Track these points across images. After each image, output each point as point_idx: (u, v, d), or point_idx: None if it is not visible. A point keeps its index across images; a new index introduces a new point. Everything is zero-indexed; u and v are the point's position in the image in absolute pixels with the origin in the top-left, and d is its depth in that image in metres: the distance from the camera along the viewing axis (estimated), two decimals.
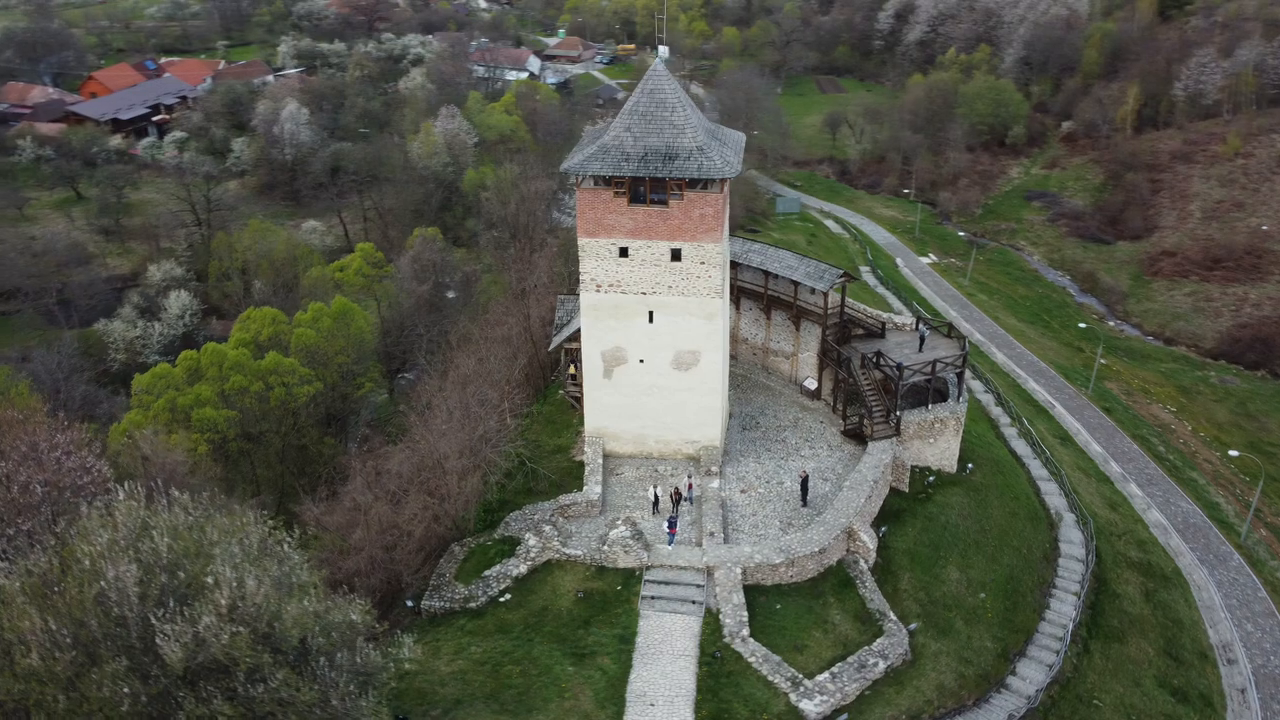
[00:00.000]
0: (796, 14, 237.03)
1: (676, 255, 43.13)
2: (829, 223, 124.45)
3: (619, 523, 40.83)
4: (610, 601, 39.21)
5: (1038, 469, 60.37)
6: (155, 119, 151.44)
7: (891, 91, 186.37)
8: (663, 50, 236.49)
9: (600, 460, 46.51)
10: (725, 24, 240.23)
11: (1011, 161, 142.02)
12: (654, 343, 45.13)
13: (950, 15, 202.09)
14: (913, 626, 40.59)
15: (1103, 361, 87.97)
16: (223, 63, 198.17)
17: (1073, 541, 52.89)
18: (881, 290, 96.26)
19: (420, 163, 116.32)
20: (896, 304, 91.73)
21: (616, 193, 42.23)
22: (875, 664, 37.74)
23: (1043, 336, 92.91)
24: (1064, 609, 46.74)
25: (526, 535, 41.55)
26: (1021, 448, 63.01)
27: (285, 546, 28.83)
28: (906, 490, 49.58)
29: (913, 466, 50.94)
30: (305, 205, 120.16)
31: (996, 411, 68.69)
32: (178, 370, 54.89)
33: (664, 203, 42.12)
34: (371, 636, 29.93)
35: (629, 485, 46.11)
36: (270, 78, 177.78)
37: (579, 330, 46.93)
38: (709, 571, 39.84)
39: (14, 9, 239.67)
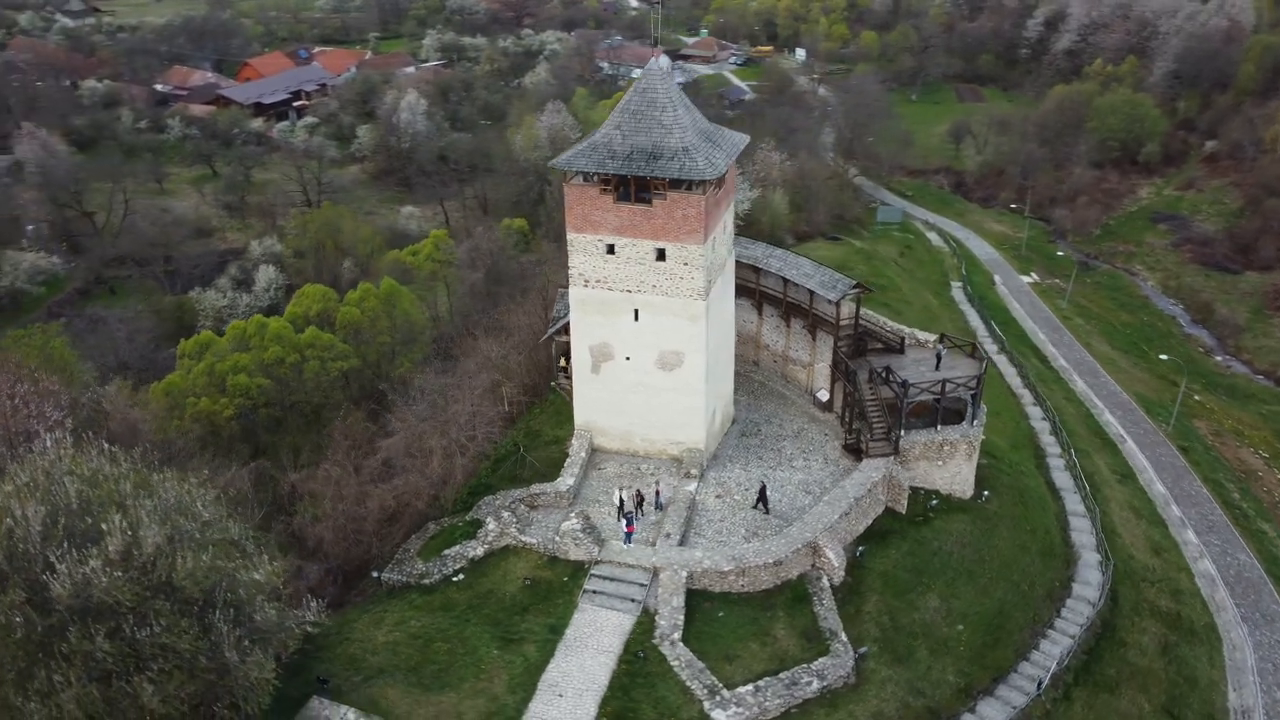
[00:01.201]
0: (941, 19, 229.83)
1: (661, 255, 43.14)
2: (931, 235, 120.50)
3: (573, 515, 41.25)
4: (554, 591, 39.72)
5: (1074, 504, 57.11)
6: (296, 104, 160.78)
7: (1031, 102, 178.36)
8: (800, 53, 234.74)
9: (583, 454, 47.00)
10: (868, 28, 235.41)
11: (1142, 181, 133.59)
12: (639, 341, 45.28)
13: (1102, 24, 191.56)
14: (863, 650, 39.34)
15: (1196, 398, 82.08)
16: (369, 53, 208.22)
17: (1089, 583, 49.89)
18: (965, 307, 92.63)
19: (522, 155, 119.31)
20: (976, 321, 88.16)
21: (603, 190, 42.60)
22: (809, 683, 36.81)
23: (1134, 366, 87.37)
24: (1054, 651, 44.19)
25: (487, 519, 42.52)
26: (1064, 480, 59.77)
27: (200, 505, 30.64)
28: (903, 512, 47.92)
29: (916, 489, 49.24)
30: (415, 192, 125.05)
31: (1049, 440, 65.27)
32: (224, 339, 58.62)
33: (648, 201, 42.20)
34: (277, 596, 31.41)
35: (608, 480, 46.40)
36: (410, 69, 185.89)
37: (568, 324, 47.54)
38: (655, 572, 39.78)
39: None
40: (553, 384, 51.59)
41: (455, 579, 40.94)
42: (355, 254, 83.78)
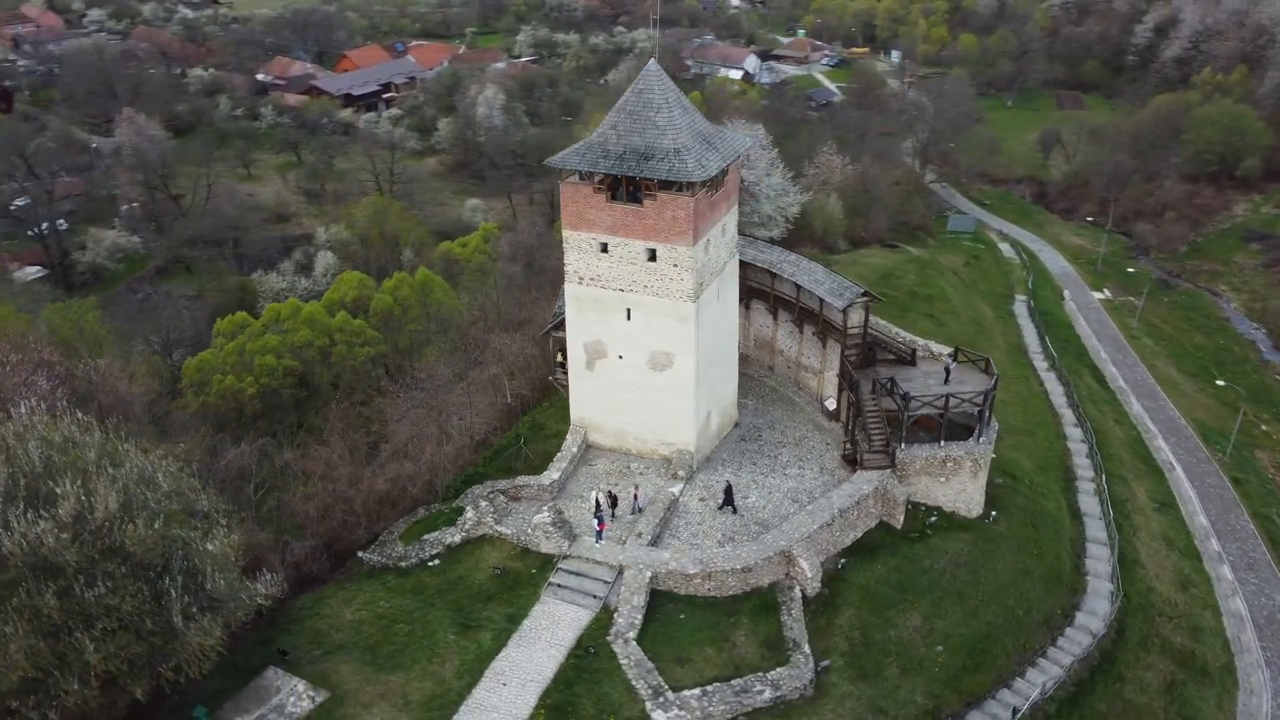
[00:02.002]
0: (1046, 23, 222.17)
1: (652, 255, 43.25)
2: (1004, 246, 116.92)
3: (545, 509, 41.79)
4: (521, 582, 40.34)
5: (1097, 530, 55.00)
6: (385, 96, 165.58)
7: (1133, 111, 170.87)
8: (895, 55, 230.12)
9: (575, 450, 47.49)
10: (972, 31, 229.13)
11: (1238, 197, 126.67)
12: (631, 340, 45.51)
13: (1216, 31, 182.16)
14: (825, 663, 38.80)
15: (1264, 428, 77.78)
16: (463, 48, 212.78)
17: (1094, 612, 48.05)
18: (1024, 321, 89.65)
19: None
20: (1031, 337, 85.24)
21: (596, 189, 42.96)
22: (761, 691, 36.53)
23: (1199, 391, 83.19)
24: (1039, 680, 42.72)
25: (467, 507, 43.40)
26: (1090, 505, 57.58)
27: (160, 476, 32.22)
28: (899, 527, 46.93)
29: (917, 504, 48.23)
30: (487, 185, 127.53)
31: (1083, 463, 62.88)
32: (260, 320, 61.10)
33: (639, 201, 42.38)
34: (229, 568, 32.72)
35: (597, 477, 46.77)
36: (500, 64, 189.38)
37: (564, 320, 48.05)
38: (620, 570, 40.01)
39: None
40: (551, 379, 52.18)
41: (431, 564, 41.97)
42: (415, 244, 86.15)
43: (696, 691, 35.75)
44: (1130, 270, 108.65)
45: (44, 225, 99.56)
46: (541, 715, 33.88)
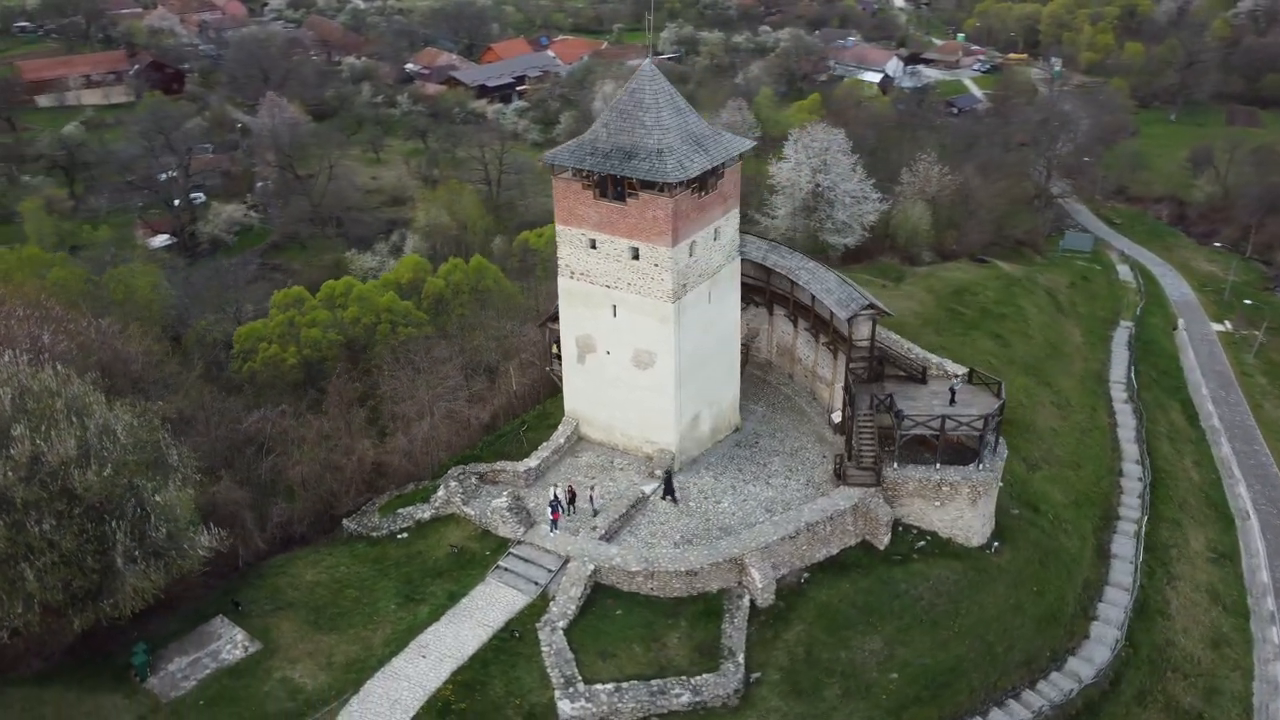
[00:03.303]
0: (1226, 32, 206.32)
1: (635, 254, 43.64)
2: (1122, 268, 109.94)
3: (504, 494, 42.90)
4: (473, 563, 41.64)
5: (1123, 575, 51.76)
6: (519, 89, 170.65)
7: None
8: (1055, 62, 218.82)
9: (562, 440, 48.42)
10: (1141, 39, 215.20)
11: None
12: (618, 337, 46.02)
13: None
14: (755, 675, 38.35)
15: None
16: (605, 44, 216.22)
17: (1089, 659, 45.43)
18: (1117, 349, 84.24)
19: None
20: (1119, 365, 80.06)
21: (585, 185, 43.68)
22: (679, 695, 36.53)
23: None
24: None
25: (439, 486, 45.06)
26: (1125, 548, 54.35)
27: (120, 429, 35.16)
28: (881, 548, 45.63)
29: (908, 527, 46.81)
30: None
31: (1131, 502, 59.07)
32: (317, 296, 64.87)
33: (622, 199, 42.84)
34: (172, 519, 35.34)
35: (580, 469, 47.56)
36: (637, 61, 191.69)
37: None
38: (566, 561, 40.69)
39: None
40: (548, 369, 53.24)
41: (400, 536, 43.86)
42: (509, 232, 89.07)
43: (610, 686, 36.08)
44: (1248, 302, 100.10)
45: (177, 199, 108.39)
46: (449, 690, 35.06)
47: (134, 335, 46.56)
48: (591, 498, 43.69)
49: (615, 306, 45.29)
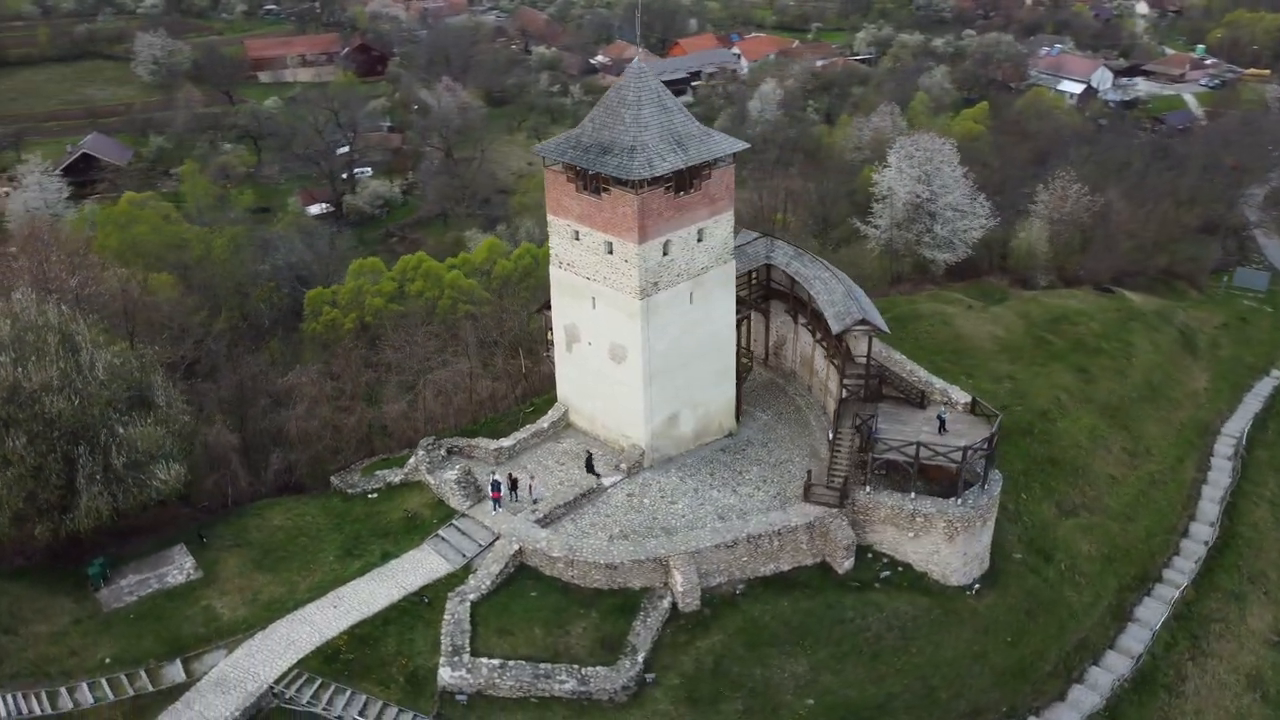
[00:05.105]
0: None
1: (610, 248, 44.18)
2: None
3: (455, 468, 44.68)
4: (420, 528, 43.73)
5: (1134, 642, 47.28)
6: (693, 84, 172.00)
7: None
8: None
9: (546, 425, 49.67)
10: None
11: None
12: (597, 329, 46.69)
13: None
14: (650, 677, 38.31)
15: None
16: (796, 43, 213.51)
17: None
18: (1251, 399, 75.45)
19: (844, 153, 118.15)
20: (1241, 415, 71.73)
21: (569, 178, 44.67)
22: (564, 681, 37.19)
23: None
24: None
25: (413, 453, 47.47)
26: (1152, 613, 49.48)
27: (100, 366, 39.68)
28: (840, 571, 44.16)
29: (878, 554, 45.09)
30: (746, 175, 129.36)
31: (1184, 566, 53.47)
32: (393, 270, 69.28)
33: (598, 194, 43.49)
34: (132, 452, 39.43)
35: (558, 455, 48.57)
36: (822, 61, 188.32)
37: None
38: (496, 538, 42.02)
39: None
40: (545, 353, 54.46)
41: (370, 496, 46.70)
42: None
43: (495, 662, 37.17)
44: None
45: (343, 173, 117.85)
46: (343, 640, 37.33)
47: (161, 287, 51.83)
48: (530, 487, 44.65)
49: (594, 299, 46.00)
